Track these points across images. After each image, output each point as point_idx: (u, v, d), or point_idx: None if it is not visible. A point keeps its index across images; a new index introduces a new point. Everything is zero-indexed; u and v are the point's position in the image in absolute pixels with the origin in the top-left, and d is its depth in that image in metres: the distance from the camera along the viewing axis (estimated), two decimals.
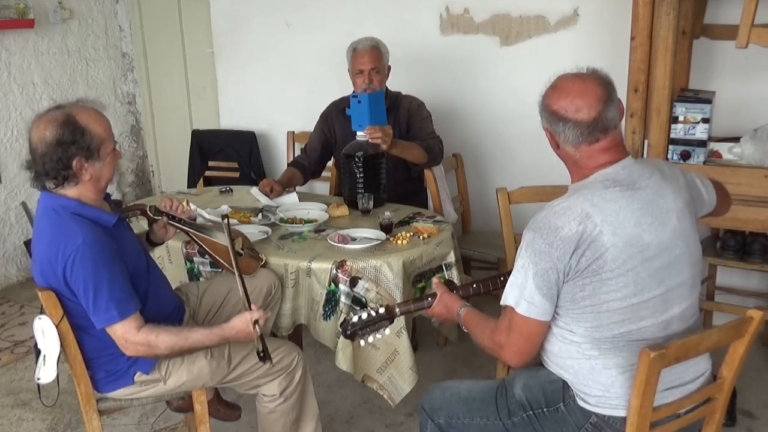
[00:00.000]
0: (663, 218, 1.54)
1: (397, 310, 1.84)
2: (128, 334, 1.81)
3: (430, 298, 1.85)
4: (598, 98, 1.53)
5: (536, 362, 1.73)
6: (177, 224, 2.18)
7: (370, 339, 1.84)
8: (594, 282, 1.49)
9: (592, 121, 1.53)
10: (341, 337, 2.25)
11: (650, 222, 1.51)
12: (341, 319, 2.27)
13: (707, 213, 1.80)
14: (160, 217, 2.16)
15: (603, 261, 1.47)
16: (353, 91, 3.07)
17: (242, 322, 1.87)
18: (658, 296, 1.52)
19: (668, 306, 1.54)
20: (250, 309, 1.88)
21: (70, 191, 1.86)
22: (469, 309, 1.77)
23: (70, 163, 1.80)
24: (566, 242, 1.48)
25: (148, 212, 2.15)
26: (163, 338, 1.84)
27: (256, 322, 1.85)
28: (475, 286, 1.90)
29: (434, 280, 1.92)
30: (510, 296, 1.56)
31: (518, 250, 1.57)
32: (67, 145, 1.79)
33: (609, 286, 1.49)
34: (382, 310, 1.83)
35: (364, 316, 1.82)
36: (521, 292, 1.53)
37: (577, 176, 1.62)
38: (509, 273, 1.91)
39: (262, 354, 1.85)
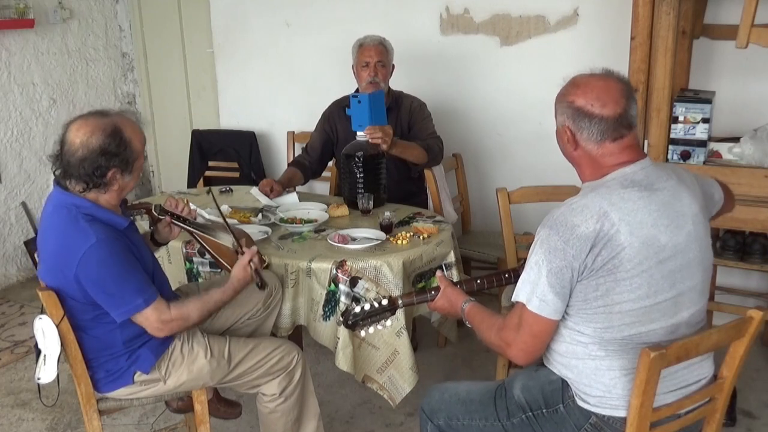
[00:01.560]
0: (679, 221, 1.53)
1: (400, 301, 1.85)
2: (163, 314, 1.88)
3: (433, 292, 1.84)
4: (622, 94, 1.54)
5: (536, 362, 1.73)
6: (180, 223, 2.19)
7: (371, 330, 1.84)
8: (608, 282, 1.48)
9: (617, 117, 1.53)
10: (341, 327, 2.25)
11: (667, 224, 1.51)
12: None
13: (716, 212, 1.81)
14: (164, 216, 2.17)
15: (619, 260, 1.46)
16: (355, 90, 3.08)
17: (241, 269, 2.05)
18: (670, 299, 1.52)
19: (678, 309, 1.54)
20: (242, 251, 2.07)
21: (89, 194, 1.86)
22: (474, 304, 1.75)
23: (107, 172, 1.82)
24: (583, 240, 1.46)
25: (153, 211, 2.16)
26: (191, 308, 1.95)
27: (250, 261, 2.04)
28: (479, 281, 1.89)
29: (438, 273, 1.90)
30: (522, 293, 1.54)
31: (532, 247, 1.55)
32: (110, 155, 1.81)
33: (623, 286, 1.48)
34: (384, 302, 1.83)
35: (367, 306, 1.82)
36: (533, 289, 1.51)
37: (592, 176, 1.59)
38: (513, 269, 1.91)
39: (259, 284, 2.09)
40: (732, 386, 1.60)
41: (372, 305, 1.82)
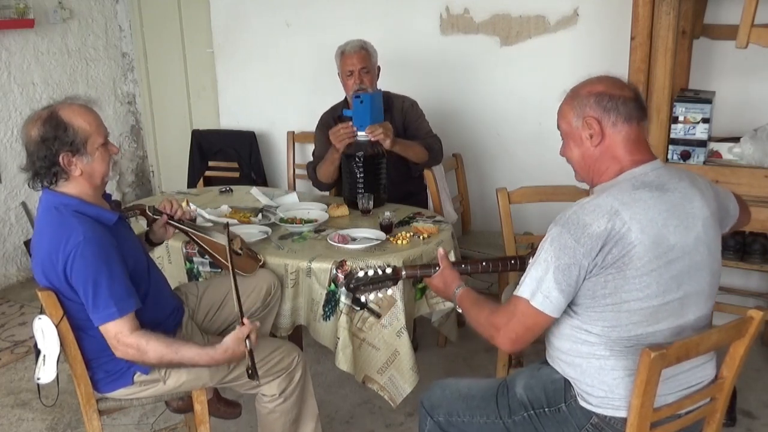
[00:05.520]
0: (689, 223, 1.53)
1: (403, 272, 1.87)
2: (121, 334, 1.80)
3: (438, 267, 1.86)
4: (628, 86, 1.61)
5: (540, 361, 1.73)
6: (176, 223, 2.19)
7: (372, 297, 1.86)
8: (617, 279, 1.48)
9: (636, 97, 1.58)
10: (342, 296, 2.26)
11: (676, 224, 1.51)
12: (341, 319, 2.27)
13: (731, 225, 1.81)
14: (159, 216, 2.17)
15: (629, 258, 1.46)
16: (355, 92, 3.07)
17: (234, 341, 1.87)
18: (677, 300, 1.52)
19: (685, 311, 1.54)
20: (242, 323, 1.88)
21: (69, 189, 1.86)
22: (467, 289, 1.77)
23: (57, 159, 1.81)
24: (594, 239, 1.47)
25: (147, 211, 2.16)
26: (153, 345, 1.82)
27: (247, 337, 1.86)
28: (484, 263, 1.90)
29: (440, 251, 1.88)
30: (526, 288, 1.53)
31: (541, 244, 1.55)
32: (50, 141, 1.80)
33: (632, 285, 1.48)
34: (389, 270, 1.85)
35: (370, 272, 1.84)
36: (538, 285, 1.51)
37: (607, 175, 1.60)
38: (520, 256, 1.91)
39: (249, 371, 1.86)
40: (732, 386, 1.60)
41: (376, 271, 1.84)
